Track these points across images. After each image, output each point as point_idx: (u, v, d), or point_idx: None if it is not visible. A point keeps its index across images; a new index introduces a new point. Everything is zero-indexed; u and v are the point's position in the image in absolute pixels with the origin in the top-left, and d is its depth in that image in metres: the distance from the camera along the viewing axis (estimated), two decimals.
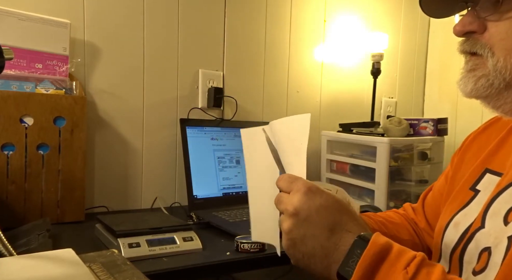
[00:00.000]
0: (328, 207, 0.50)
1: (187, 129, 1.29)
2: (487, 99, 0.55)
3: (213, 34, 1.41)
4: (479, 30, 0.53)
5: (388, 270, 0.44)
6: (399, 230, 0.74)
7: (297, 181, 0.52)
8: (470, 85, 0.55)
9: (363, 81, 1.75)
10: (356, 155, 1.48)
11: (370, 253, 0.45)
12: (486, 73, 0.53)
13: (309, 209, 0.49)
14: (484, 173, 0.61)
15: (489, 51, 0.52)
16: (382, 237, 0.47)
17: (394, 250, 0.46)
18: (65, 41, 1.12)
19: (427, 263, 0.45)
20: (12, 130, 0.98)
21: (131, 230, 0.88)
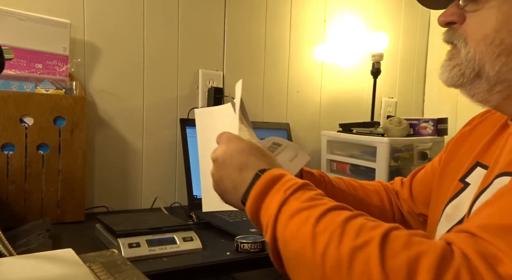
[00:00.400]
0: (241, 151, 0.58)
1: (187, 129, 1.29)
2: (462, 88, 0.57)
3: (213, 34, 1.41)
4: (459, 21, 0.55)
5: (275, 193, 0.50)
6: (370, 195, 0.80)
7: (222, 135, 0.62)
8: (446, 74, 0.57)
9: (363, 81, 1.75)
10: (356, 155, 1.48)
11: (262, 181, 0.51)
12: (459, 63, 0.55)
13: (225, 154, 0.58)
14: (475, 166, 0.63)
15: (463, 42, 0.55)
16: (279, 170, 0.53)
17: (283, 179, 0.51)
18: (65, 41, 1.12)
19: (307, 188, 0.50)
20: (12, 130, 0.98)
21: (131, 230, 0.88)
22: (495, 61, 0.52)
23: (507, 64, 0.52)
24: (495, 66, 0.52)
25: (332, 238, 0.41)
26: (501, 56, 0.51)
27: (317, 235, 0.43)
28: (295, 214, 0.46)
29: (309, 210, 0.45)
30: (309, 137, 1.65)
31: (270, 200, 0.50)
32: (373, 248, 0.39)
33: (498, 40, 0.51)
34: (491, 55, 0.52)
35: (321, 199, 0.48)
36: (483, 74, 0.54)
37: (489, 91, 0.55)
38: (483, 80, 0.54)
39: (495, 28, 0.51)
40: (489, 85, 0.54)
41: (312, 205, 0.46)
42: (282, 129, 1.52)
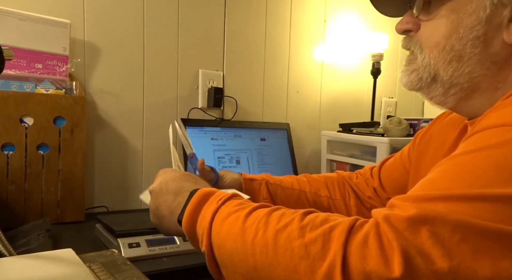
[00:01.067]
0: (175, 178, 0.62)
1: (187, 129, 1.29)
2: (421, 92, 0.60)
3: (213, 34, 1.41)
4: (415, 28, 0.59)
5: (208, 205, 0.53)
6: (319, 187, 0.85)
7: (159, 171, 0.68)
8: (405, 78, 0.60)
9: (363, 81, 1.75)
10: (356, 155, 1.48)
11: (195, 198, 0.54)
12: (416, 68, 0.58)
13: (161, 183, 0.62)
14: None
15: (419, 48, 0.58)
16: (211, 188, 0.57)
17: (217, 193, 0.55)
18: (65, 41, 1.12)
19: (237, 197, 0.54)
20: (12, 130, 0.98)
21: (131, 230, 0.88)
22: (447, 66, 0.55)
23: (458, 69, 0.54)
24: (448, 71, 0.55)
25: (259, 227, 0.45)
26: (453, 62, 0.55)
27: (246, 229, 0.46)
28: (226, 217, 0.49)
29: (238, 212, 0.49)
30: (309, 137, 1.65)
31: (204, 212, 0.53)
32: (294, 226, 0.43)
33: (449, 47, 0.54)
34: (443, 61, 0.55)
35: (248, 202, 0.52)
36: (438, 78, 0.57)
37: (445, 95, 0.58)
38: (439, 84, 0.57)
39: (445, 35, 0.54)
40: (444, 88, 0.57)
41: (241, 208, 0.50)
42: (282, 129, 1.52)
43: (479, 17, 0.52)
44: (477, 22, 0.52)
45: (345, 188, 0.86)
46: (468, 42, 0.53)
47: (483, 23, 0.52)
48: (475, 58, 0.53)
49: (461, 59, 0.54)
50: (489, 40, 0.52)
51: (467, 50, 0.53)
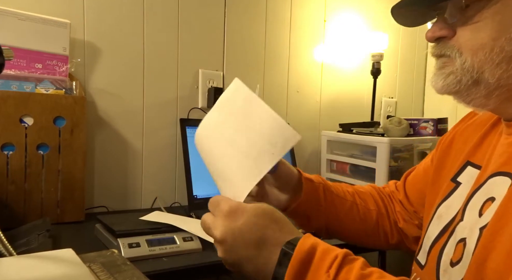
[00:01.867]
0: (249, 225, 0.51)
1: (187, 129, 1.29)
2: (458, 95, 0.58)
3: (213, 34, 1.41)
4: (449, 35, 0.57)
5: (314, 275, 0.47)
6: (366, 200, 0.81)
7: (219, 204, 0.54)
8: (440, 82, 0.58)
9: (363, 81, 1.75)
10: (356, 155, 1.48)
11: (295, 263, 0.47)
12: (453, 71, 0.56)
13: (233, 232, 0.51)
14: (466, 166, 0.64)
15: (457, 52, 0.56)
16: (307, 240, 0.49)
17: (318, 253, 0.48)
18: (65, 41, 1.12)
19: (348, 260, 0.48)
20: (12, 130, 0.98)
21: (131, 230, 0.88)
22: (495, 68, 0.53)
23: (508, 71, 0.53)
24: (495, 74, 0.53)
25: None
26: (502, 63, 0.53)
27: None
28: None
29: None
30: (309, 137, 1.65)
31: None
32: None
33: (498, 49, 0.52)
34: (491, 64, 0.53)
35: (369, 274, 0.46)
36: (482, 81, 0.55)
37: (487, 97, 0.56)
38: (482, 87, 0.55)
39: (492, 37, 0.53)
40: (487, 91, 0.55)
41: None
42: None
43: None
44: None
45: (385, 203, 0.83)
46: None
47: None
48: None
49: (511, 60, 0.52)
50: None
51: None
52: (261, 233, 0.51)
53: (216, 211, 0.54)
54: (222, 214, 0.52)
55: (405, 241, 0.81)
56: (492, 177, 0.55)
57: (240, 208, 0.52)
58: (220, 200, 0.55)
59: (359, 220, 0.80)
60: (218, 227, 0.52)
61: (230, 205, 0.53)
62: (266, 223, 0.52)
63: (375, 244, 0.84)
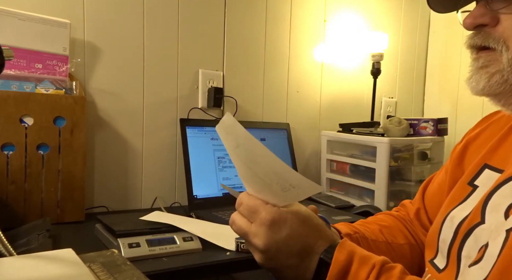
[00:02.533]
0: (293, 236, 0.51)
1: (187, 129, 1.29)
2: (499, 97, 0.53)
3: (213, 34, 1.41)
4: (492, 23, 0.51)
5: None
6: (395, 235, 0.74)
7: (259, 211, 0.53)
8: (482, 83, 0.52)
9: (363, 81, 1.75)
10: (356, 155, 1.48)
11: (333, 273, 0.48)
12: (500, 69, 0.51)
13: (277, 243, 0.51)
14: (483, 169, 0.60)
15: (504, 45, 0.50)
16: (343, 249, 0.49)
17: (355, 263, 0.48)
18: (65, 41, 1.12)
19: (386, 269, 0.48)
20: (12, 130, 0.98)
21: (131, 230, 0.88)
22: None
23: None
24: None
25: None
26: None
27: None
28: None
29: None
30: (309, 137, 1.65)
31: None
32: None
33: None
34: None
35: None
36: None
37: None
38: None
39: None
40: None
41: None
42: (282, 129, 1.52)
43: None
44: None
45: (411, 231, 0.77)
46: None
47: None
48: None
49: None
50: None
51: None
52: (303, 242, 0.51)
53: (257, 219, 0.52)
54: (265, 224, 0.51)
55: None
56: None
57: (282, 217, 0.52)
58: (259, 206, 0.53)
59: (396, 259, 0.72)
60: (261, 237, 0.51)
61: (273, 215, 0.52)
62: (307, 231, 0.52)
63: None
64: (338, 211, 1.32)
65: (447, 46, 1.87)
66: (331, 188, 1.58)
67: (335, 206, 1.38)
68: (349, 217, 1.22)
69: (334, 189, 1.57)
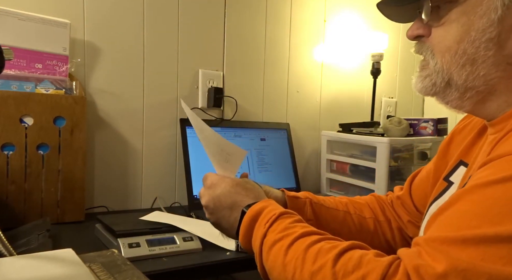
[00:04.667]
0: (225, 194, 0.65)
1: (187, 129, 1.29)
2: (437, 97, 0.60)
3: (213, 34, 1.41)
4: (426, 34, 0.58)
5: (258, 227, 0.58)
6: (362, 209, 0.83)
7: (206, 178, 0.70)
8: (419, 84, 0.59)
9: (363, 81, 1.75)
10: (356, 155, 1.48)
11: (246, 220, 0.60)
12: (429, 73, 0.58)
13: (214, 200, 0.66)
14: (459, 165, 0.65)
15: (431, 53, 0.57)
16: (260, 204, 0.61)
17: (264, 212, 0.59)
18: (65, 41, 1.12)
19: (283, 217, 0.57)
20: (12, 130, 0.98)
21: (131, 230, 0.88)
22: (461, 70, 0.54)
23: (473, 73, 0.54)
24: (461, 75, 0.55)
25: (296, 266, 0.50)
26: (466, 65, 0.54)
27: (286, 264, 0.51)
28: (271, 246, 0.54)
29: (281, 241, 0.54)
30: (309, 137, 1.65)
31: (255, 235, 0.58)
32: (327, 271, 0.46)
33: (461, 51, 0.54)
34: (456, 65, 0.55)
35: (293, 227, 0.55)
36: (452, 83, 0.56)
37: (461, 98, 0.57)
38: (453, 88, 0.57)
39: (456, 39, 0.54)
40: (459, 92, 0.57)
41: (284, 235, 0.54)
42: (282, 129, 1.52)
43: (491, 19, 0.51)
44: (489, 24, 0.51)
45: (385, 209, 0.84)
46: (481, 45, 0.52)
47: (496, 24, 0.51)
48: (489, 61, 0.53)
49: (474, 62, 0.53)
50: (503, 42, 0.52)
51: (480, 53, 0.52)
52: (233, 198, 0.65)
53: (204, 184, 0.69)
54: (206, 186, 0.69)
55: None
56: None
57: (219, 180, 0.67)
58: (207, 175, 0.70)
59: (355, 230, 0.79)
60: (203, 196, 0.68)
61: (212, 179, 0.68)
62: (238, 190, 0.65)
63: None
64: None
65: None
66: (331, 188, 1.58)
67: None
68: None
69: (334, 189, 1.57)
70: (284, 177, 1.45)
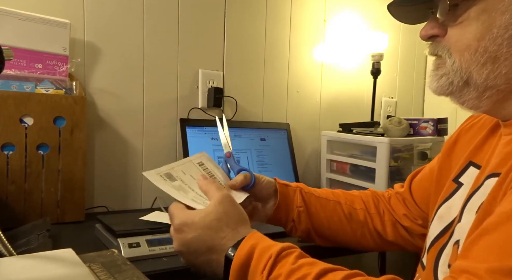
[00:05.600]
0: (198, 238, 0.59)
1: (187, 129, 1.29)
2: (452, 96, 0.59)
3: (213, 34, 1.41)
4: (441, 34, 0.57)
5: (252, 276, 0.52)
6: (353, 200, 0.83)
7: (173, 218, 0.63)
8: (434, 84, 0.59)
9: (363, 81, 1.75)
10: (356, 155, 1.48)
11: (235, 268, 0.54)
12: (446, 72, 0.57)
13: (186, 245, 0.60)
14: (468, 166, 0.64)
15: (447, 52, 0.56)
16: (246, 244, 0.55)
17: (255, 256, 0.53)
18: (65, 41, 1.12)
19: (282, 257, 0.52)
20: (12, 130, 0.98)
21: (131, 230, 0.88)
22: (482, 69, 0.53)
23: (494, 71, 0.53)
24: (482, 74, 0.53)
25: None
26: (487, 64, 0.53)
27: None
28: None
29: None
30: (309, 137, 1.65)
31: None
32: None
33: (482, 49, 0.52)
34: (476, 64, 0.53)
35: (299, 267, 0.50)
36: (471, 82, 0.55)
37: (479, 98, 0.56)
38: (472, 87, 0.55)
39: (476, 37, 0.53)
40: (478, 92, 0.55)
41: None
42: (282, 129, 1.52)
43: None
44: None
45: (380, 203, 0.84)
46: (504, 42, 0.51)
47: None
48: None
49: (496, 60, 0.52)
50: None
51: (503, 50, 0.51)
52: (208, 243, 0.58)
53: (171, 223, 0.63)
54: (175, 229, 0.62)
55: (410, 240, 0.81)
56: (489, 178, 0.55)
57: (188, 222, 0.60)
58: (173, 212, 0.63)
59: (344, 220, 0.81)
60: (175, 240, 0.62)
61: (180, 220, 0.61)
62: (212, 233, 0.58)
63: (367, 244, 0.84)
64: None
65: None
66: (331, 188, 1.58)
67: None
68: None
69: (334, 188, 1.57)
70: (284, 177, 1.45)
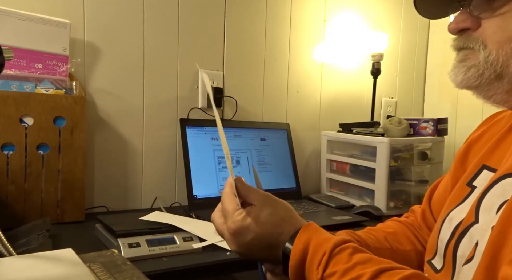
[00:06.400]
0: (257, 238, 0.57)
1: (187, 129, 1.29)
2: (478, 90, 0.57)
3: (213, 34, 1.41)
4: (473, 27, 0.55)
5: (309, 273, 0.52)
6: (401, 242, 0.75)
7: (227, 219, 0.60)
8: (460, 76, 0.56)
9: (363, 81, 1.75)
10: (356, 155, 1.48)
11: (292, 264, 0.54)
12: (476, 64, 0.54)
13: (246, 246, 0.58)
14: (482, 169, 0.62)
15: (481, 44, 0.54)
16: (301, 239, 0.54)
17: (310, 251, 0.53)
18: (65, 41, 1.12)
19: (335, 253, 0.51)
20: (12, 130, 0.98)
21: (131, 230, 0.88)
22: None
23: None
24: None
25: None
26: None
27: None
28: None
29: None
30: (309, 137, 1.65)
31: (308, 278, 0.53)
32: None
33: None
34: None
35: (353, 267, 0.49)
36: (505, 75, 0.53)
37: (510, 92, 0.54)
38: (505, 81, 0.53)
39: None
40: (511, 85, 0.53)
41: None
42: (282, 129, 1.52)
43: None
44: None
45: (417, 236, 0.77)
46: None
47: None
48: None
49: None
50: None
51: None
52: (268, 241, 0.57)
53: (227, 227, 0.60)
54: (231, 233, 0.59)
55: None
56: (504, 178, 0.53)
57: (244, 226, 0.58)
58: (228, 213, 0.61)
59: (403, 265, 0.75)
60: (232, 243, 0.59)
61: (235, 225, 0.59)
62: (269, 230, 0.57)
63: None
64: (338, 211, 1.32)
65: (447, 46, 1.86)
66: (331, 188, 1.58)
67: (335, 206, 1.38)
68: (349, 217, 1.22)
69: (334, 189, 1.57)
70: (284, 177, 1.45)
